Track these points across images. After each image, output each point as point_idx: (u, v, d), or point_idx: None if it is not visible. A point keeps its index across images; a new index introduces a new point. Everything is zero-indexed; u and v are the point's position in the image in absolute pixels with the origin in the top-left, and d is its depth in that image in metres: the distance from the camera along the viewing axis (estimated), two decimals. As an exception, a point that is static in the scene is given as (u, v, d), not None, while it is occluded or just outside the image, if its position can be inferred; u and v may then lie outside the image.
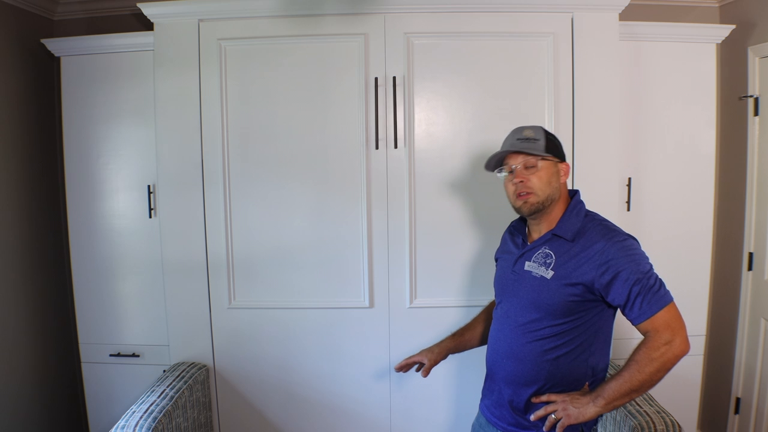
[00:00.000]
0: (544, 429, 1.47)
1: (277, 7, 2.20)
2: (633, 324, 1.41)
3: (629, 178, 2.39)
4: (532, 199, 1.49)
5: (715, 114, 2.45)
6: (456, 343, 1.84)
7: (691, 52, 2.38)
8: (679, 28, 2.38)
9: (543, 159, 1.50)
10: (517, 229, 1.65)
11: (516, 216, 1.67)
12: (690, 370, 2.47)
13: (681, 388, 2.44)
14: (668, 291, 1.40)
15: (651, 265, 1.42)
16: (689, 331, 1.39)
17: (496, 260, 1.76)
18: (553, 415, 1.44)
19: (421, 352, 1.82)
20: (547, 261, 1.49)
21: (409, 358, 1.83)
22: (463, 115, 2.24)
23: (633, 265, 1.39)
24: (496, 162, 1.57)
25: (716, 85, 2.47)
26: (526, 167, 1.50)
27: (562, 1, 2.18)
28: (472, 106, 2.24)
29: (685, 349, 1.36)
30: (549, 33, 2.20)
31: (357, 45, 2.21)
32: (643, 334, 1.40)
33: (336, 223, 2.28)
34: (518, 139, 1.52)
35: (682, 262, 2.44)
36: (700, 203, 2.46)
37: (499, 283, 1.65)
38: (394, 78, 2.21)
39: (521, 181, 1.49)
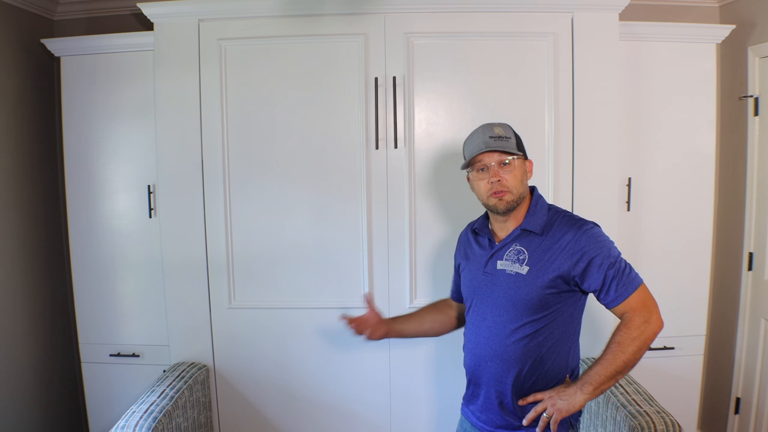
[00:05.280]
0: (537, 429, 1.47)
1: (277, 7, 2.20)
2: (609, 307, 1.45)
3: (629, 178, 2.38)
4: (508, 197, 1.50)
5: (715, 114, 2.45)
6: (402, 329, 1.83)
7: (691, 52, 2.38)
8: (679, 28, 2.38)
9: (517, 157, 1.51)
10: (482, 230, 1.64)
11: (478, 214, 1.69)
12: (690, 370, 2.45)
13: (681, 388, 2.43)
14: (637, 273, 1.46)
15: (619, 251, 1.47)
16: (689, 331, 1.40)
17: (458, 265, 1.74)
18: (544, 414, 1.45)
19: (378, 318, 1.80)
20: (520, 257, 1.50)
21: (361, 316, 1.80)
22: (463, 115, 2.24)
23: (605, 251, 1.44)
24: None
25: (716, 85, 2.47)
26: (501, 165, 1.51)
27: (562, 1, 2.18)
28: (472, 106, 2.24)
29: (661, 325, 1.42)
30: (549, 33, 2.20)
31: (357, 45, 2.21)
32: (620, 316, 1.44)
33: (336, 223, 2.28)
34: (491, 137, 1.52)
35: (682, 262, 2.43)
36: (700, 203, 2.46)
37: (471, 287, 1.63)
38: (394, 78, 2.21)
39: (498, 180, 1.50)
